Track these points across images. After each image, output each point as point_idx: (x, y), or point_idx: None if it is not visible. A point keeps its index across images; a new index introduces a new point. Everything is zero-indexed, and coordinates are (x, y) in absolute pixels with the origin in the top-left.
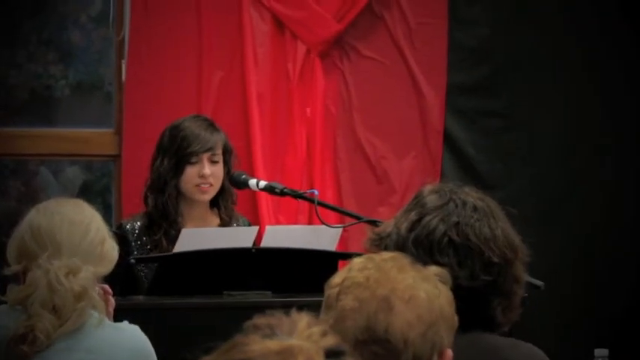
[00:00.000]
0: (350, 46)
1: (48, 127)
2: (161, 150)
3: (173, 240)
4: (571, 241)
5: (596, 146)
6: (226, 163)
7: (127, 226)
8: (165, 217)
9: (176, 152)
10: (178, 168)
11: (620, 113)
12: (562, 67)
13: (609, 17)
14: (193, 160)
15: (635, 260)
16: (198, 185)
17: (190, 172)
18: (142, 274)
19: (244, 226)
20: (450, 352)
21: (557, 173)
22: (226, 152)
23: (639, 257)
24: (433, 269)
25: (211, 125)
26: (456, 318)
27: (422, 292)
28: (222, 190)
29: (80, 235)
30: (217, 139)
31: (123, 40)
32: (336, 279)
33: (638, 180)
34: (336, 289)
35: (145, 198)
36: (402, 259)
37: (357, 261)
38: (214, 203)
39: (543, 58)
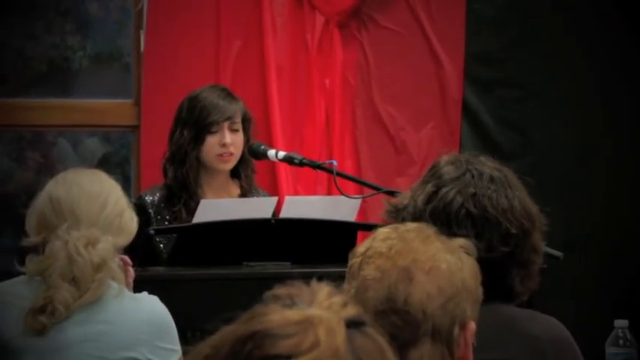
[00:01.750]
0: (368, 16)
1: (66, 98)
2: (180, 121)
3: (193, 211)
4: (589, 211)
5: (614, 115)
6: (246, 132)
7: (147, 198)
8: (185, 188)
9: (195, 123)
10: (199, 138)
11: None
12: (579, 36)
13: None
14: (214, 129)
15: None
16: (219, 155)
17: (211, 142)
18: (161, 245)
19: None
20: (473, 325)
21: (575, 143)
22: (245, 121)
23: None
24: (459, 241)
25: (229, 94)
26: (480, 291)
27: (443, 264)
28: (241, 159)
29: (99, 207)
30: (236, 108)
31: (141, 10)
32: (361, 248)
33: None
34: (359, 259)
35: (165, 170)
36: (427, 230)
37: (381, 230)
38: (234, 173)
39: (560, 27)
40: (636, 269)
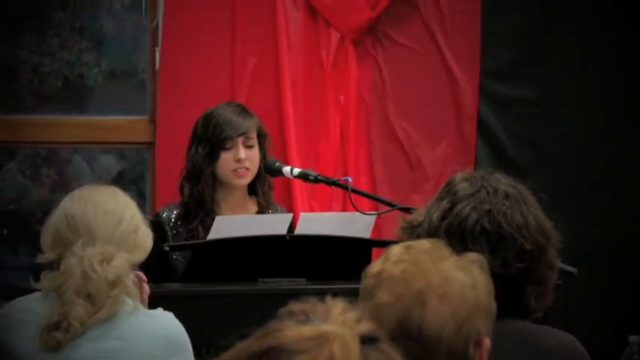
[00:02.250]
0: (383, 33)
1: (81, 115)
2: (195, 139)
3: (208, 229)
4: (604, 228)
5: (630, 132)
6: (261, 148)
7: (164, 215)
8: (201, 205)
9: (210, 139)
10: (213, 155)
11: None
12: (595, 53)
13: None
14: (228, 145)
15: None
16: (234, 170)
17: (226, 158)
18: (178, 263)
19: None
20: (487, 341)
21: (590, 160)
22: (261, 136)
23: None
24: (471, 256)
25: (244, 110)
26: (494, 305)
27: (456, 285)
28: (258, 175)
29: (114, 224)
30: (251, 124)
31: (156, 27)
32: (373, 269)
33: None
34: (372, 281)
35: (181, 187)
36: (439, 249)
37: (394, 251)
38: (252, 190)
39: (575, 44)
40: None
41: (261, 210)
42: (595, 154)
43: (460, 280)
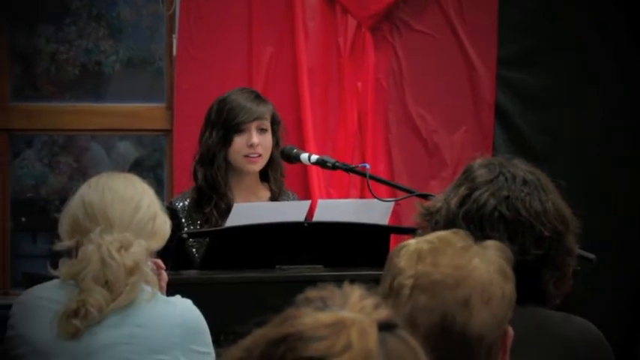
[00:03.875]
0: (400, 19)
1: (99, 102)
2: (209, 123)
3: (223, 213)
4: (622, 214)
5: None
6: (275, 134)
7: (177, 205)
8: (214, 189)
9: (224, 124)
10: (227, 139)
11: None
12: (611, 39)
13: None
14: (241, 128)
15: None
16: (247, 155)
17: (239, 142)
18: (194, 249)
19: (294, 201)
20: (511, 331)
21: (608, 145)
22: (274, 123)
23: None
24: (494, 245)
25: (258, 96)
26: (515, 296)
27: (498, 289)
28: (271, 161)
29: (132, 211)
30: (265, 110)
31: (173, 15)
32: (407, 270)
33: None
34: (410, 281)
35: (195, 172)
36: (469, 246)
37: (424, 249)
38: (264, 176)
39: (592, 30)
40: None
41: (274, 197)
42: (613, 140)
43: (499, 283)
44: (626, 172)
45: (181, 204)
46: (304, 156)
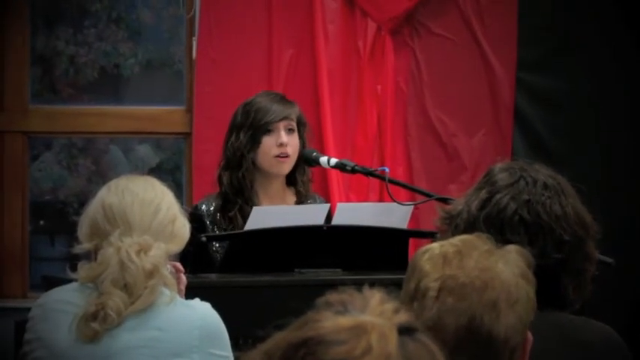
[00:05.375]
0: (420, 23)
1: (118, 105)
2: (235, 127)
3: (247, 218)
4: (638, 218)
5: None
6: (301, 136)
7: (203, 208)
8: (241, 193)
9: (251, 125)
10: (255, 140)
11: None
12: (630, 42)
13: None
14: (270, 128)
15: None
16: (277, 156)
17: (268, 142)
18: (217, 255)
19: (320, 204)
20: (530, 336)
21: (627, 149)
22: (300, 125)
23: None
24: (516, 249)
25: (284, 98)
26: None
27: (523, 292)
28: (297, 165)
29: (151, 214)
30: (291, 111)
31: (193, 17)
32: (434, 273)
33: None
34: (437, 284)
35: (220, 177)
36: (497, 254)
37: (450, 252)
38: (290, 180)
39: (612, 33)
40: None
41: (300, 200)
42: (633, 145)
43: (524, 287)
44: None
45: (206, 207)
46: (323, 159)
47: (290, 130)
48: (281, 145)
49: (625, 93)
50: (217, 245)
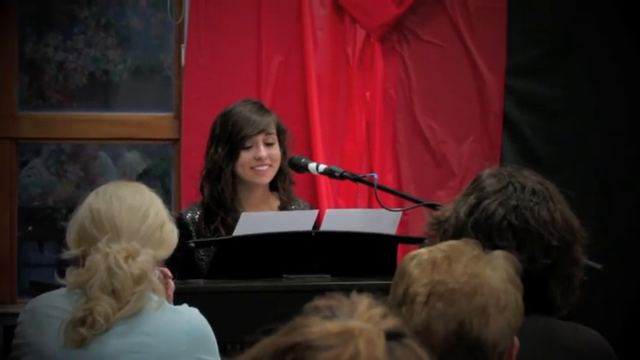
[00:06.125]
0: (409, 29)
1: (106, 111)
2: (214, 138)
3: (230, 228)
4: (630, 225)
5: None
6: (282, 144)
7: (187, 216)
8: (221, 205)
9: (229, 138)
10: (233, 154)
11: None
12: (618, 50)
13: None
14: (248, 144)
15: None
16: (253, 168)
17: (246, 157)
18: (203, 263)
19: (305, 209)
20: (517, 341)
21: (616, 156)
22: (280, 132)
23: None
24: (503, 255)
25: (262, 107)
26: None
27: (512, 297)
28: (279, 172)
29: (139, 220)
30: (269, 120)
31: (182, 24)
32: (422, 278)
33: None
34: (425, 289)
35: (201, 188)
36: (485, 259)
37: (439, 258)
38: (273, 186)
39: (601, 41)
40: None
41: (283, 205)
42: (621, 151)
43: (513, 292)
44: (637, 183)
45: (191, 215)
46: (312, 165)
47: (269, 144)
48: (259, 159)
49: (615, 100)
50: (202, 254)
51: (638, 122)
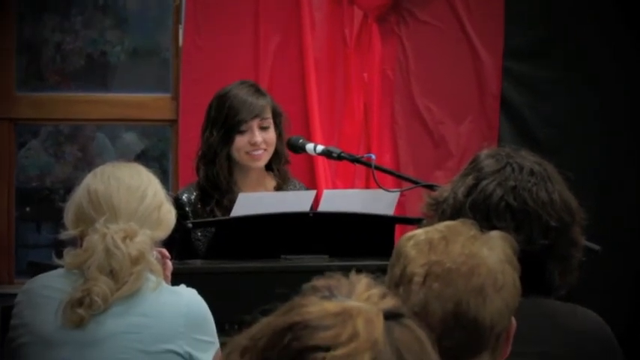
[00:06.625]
0: (407, 11)
1: (104, 92)
2: (209, 121)
3: (226, 210)
4: (629, 206)
5: None
6: (277, 127)
7: (184, 197)
8: (216, 187)
9: (224, 122)
10: (229, 138)
11: None
12: (615, 31)
13: None
14: (243, 128)
15: None
16: (248, 152)
17: (241, 141)
18: (200, 244)
19: (300, 189)
20: (514, 321)
21: (614, 137)
22: (276, 115)
23: None
24: (500, 235)
25: (258, 90)
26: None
27: (509, 278)
28: (275, 154)
29: (137, 200)
30: (264, 104)
31: (180, 5)
32: (419, 258)
33: None
34: (423, 270)
35: (197, 169)
36: (482, 239)
37: (436, 238)
38: (268, 167)
39: (599, 22)
40: None
41: (279, 186)
42: (618, 132)
43: (510, 272)
44: (634, 163)
45: (187, 196)
46: (310, 146)
47: (264, 128)
48: (254, 144)
49: (612, 81)
50: (199, 234)
51: (637, 102)
